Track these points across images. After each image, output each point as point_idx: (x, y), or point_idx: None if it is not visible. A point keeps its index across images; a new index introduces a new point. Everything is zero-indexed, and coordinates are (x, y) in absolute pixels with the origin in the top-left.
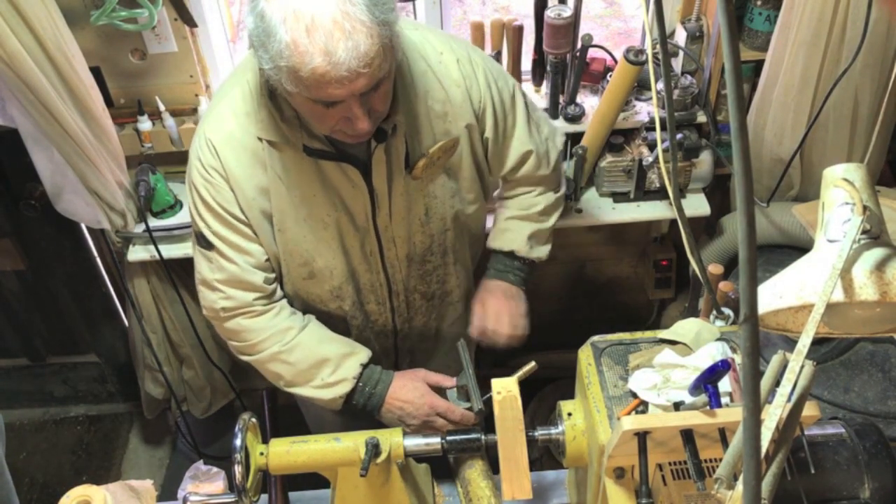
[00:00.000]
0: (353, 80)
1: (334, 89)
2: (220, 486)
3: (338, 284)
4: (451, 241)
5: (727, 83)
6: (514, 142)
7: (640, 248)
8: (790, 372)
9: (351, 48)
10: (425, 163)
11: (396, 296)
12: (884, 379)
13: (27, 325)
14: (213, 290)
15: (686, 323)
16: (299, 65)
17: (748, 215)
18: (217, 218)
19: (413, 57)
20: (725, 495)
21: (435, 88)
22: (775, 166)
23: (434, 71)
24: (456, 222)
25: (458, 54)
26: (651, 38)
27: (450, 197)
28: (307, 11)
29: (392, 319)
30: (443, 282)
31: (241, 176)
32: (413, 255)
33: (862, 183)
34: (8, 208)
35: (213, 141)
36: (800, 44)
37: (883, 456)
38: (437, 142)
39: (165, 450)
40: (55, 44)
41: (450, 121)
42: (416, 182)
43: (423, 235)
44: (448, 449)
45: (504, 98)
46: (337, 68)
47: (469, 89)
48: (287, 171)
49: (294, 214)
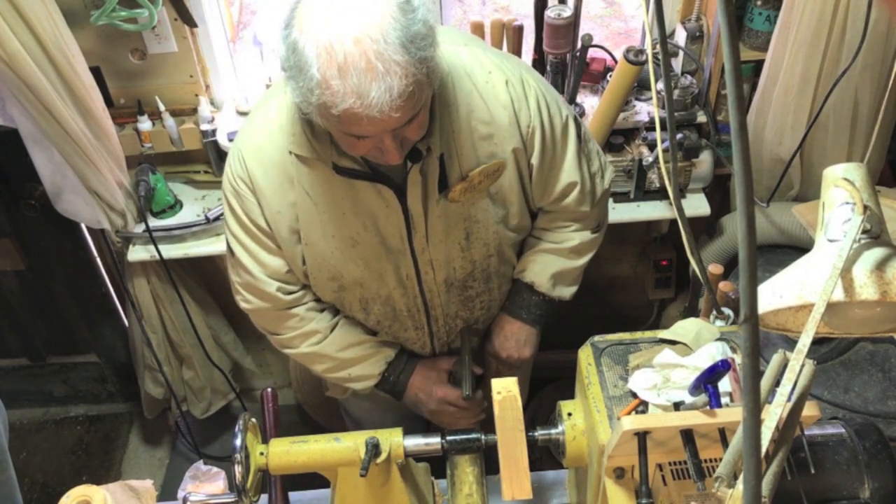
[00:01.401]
0: (385, 120)
1: (365, 127)
2: (220, 486)
3: (367, 298)
4: (496, 266)
5: (727, 83)
6: (562, 173)
7: (640, 248)
8: (790, 372)
9: (384, 90)
10: (464, 186)
11: (435, 321)
12: (884, 379)
13: (27, 325)
14: (237, 292)
15: (686, 323)
16: (330, 104)
17: (748, 215)
18: (241, 226)
19: (458, 75)
20: (725, 494)
21: (480, 109)
22: (775, 166)
23: (480, 91)
24: (500, 248)
25: (508, 75)
26: (651, 38)
27: (494, 222)
28: (340, 49)
29: (431, 344)
30: (487, 308)
31: (267, 189)
32: (452, 279)
33: (862, 182)
34: (8, 208)
35: (243, 152)
36: (800, 44)
37: (883, 456)
38: (481, 164)
39: (165, 450)
40: (55, 44)
41: (495, 143)
42: (455, 205)
43: (464, 260)
44: (448, 449)
45: (555, 124)
46: (369, 109)
47: (517, 112)
48: (315, 188)
49: (321, 231)
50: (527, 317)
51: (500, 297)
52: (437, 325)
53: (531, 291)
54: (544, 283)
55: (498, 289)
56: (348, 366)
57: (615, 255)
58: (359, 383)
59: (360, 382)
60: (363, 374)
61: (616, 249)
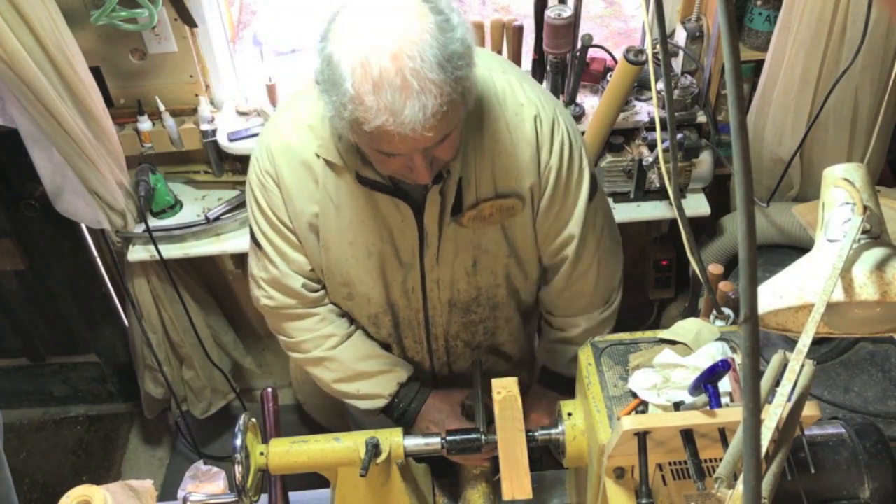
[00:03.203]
0: (417, 139)
1: (397, 145)
2: (220, 486)
3: (374, 312)
4: (503, 297)
5: (727, 83)
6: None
7: (640, 248)
8: (790, 372)
9: (418, 109)
10: (473, 214)
11: (435, 339)
12: (884, 379)
13: (27, 325)
14: (259, 288)
15: (686, 323)
16: (363, 120)
17: (748, 215)
18: (267, 221)
19: (489, 102)
20: (725, 495)
21: (505, 141)
22: (775, 166)
23: (508, 122)
24: (508, 280)
25: (539, 111)
26: (651, 38)
27: (504, 256)
28: (375, 64)
29: (430, 360)
30: (491, 334)
31: (293, 187)
32: (456, 301)
33: (862, 183)
34: (8, 208)
35: (271, 147)
36: (800, 44)
37: (883, 456)
38: (497, 193)
39: (165, 450)
40: (55, 44)
41: (514, 178)
42: (465, 230)
43: (469, 286)
44: (448, 449)
45: (573, 170)
46: (402, 128)
47: (539, 149)
48: (339, 193)
49: (339, 237)
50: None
51: (507, 328)
52: (437, 343)
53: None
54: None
55: (505, 321)
56: (359, 379)
57: None
58: (367, 402)
59: (369, 401)
60: (373, 391)
61: None
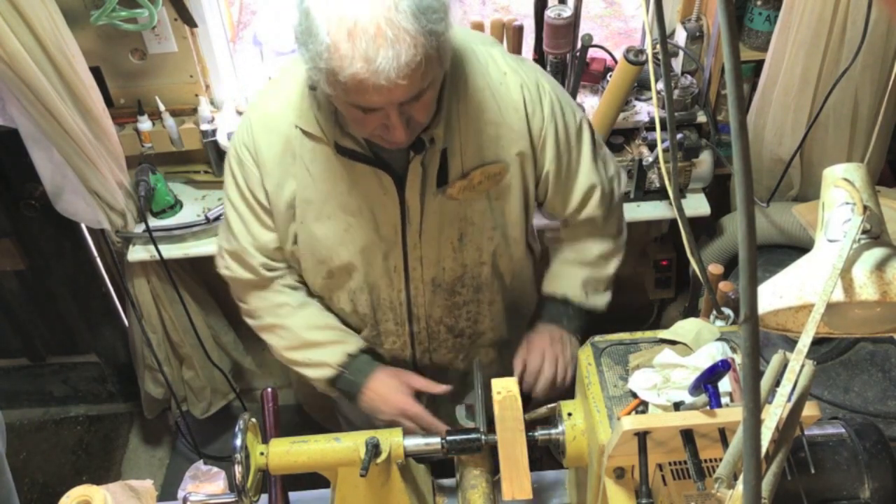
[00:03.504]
0: (392, 89)
1: (372, 97)
2: (220, 486)
3: (353, 290)
4: (487, 277)
5: (727, 83)
6: (581, 177)
7: (640, 248)
8: (790, 372)
9: (392, 57)
10: (463, 184)
11: (417, 321)
12: (884, 379)
13: (27, 325)
14: (221, 256)
15: (686, 323)
16: (338, 69)
17: (748, 215)
18: (239, 193)
19: (473, 73)
20: (725, 495)
21: (491, 109)
22: (775, 166)
23: (493, 91)
24: (495, 258)
25: (524, 78)
26: (651, 38)
27: (490, 227)
28: (351, 14)
29: (411, 346)
30: (474, 321)
31: (269, 160)
32: (440, 280)
33: (862, 183)
34: (8, 208)
35: (251, 119)
36: (800, 44)
37: (883, 456)
38: (484, 164)
39: (165, 450)
40: (55, 44)
41: (502, 146)
42: (452, 203)
43: (454, 262)
44: (448, 449)
45: (570, 129)
46: (376, 76)
47: (530, 116)
48: (317, 165)
49: (317, 210)
50: (567, 324)
51: (489, 314)
52: (419, 325)
53: (566, 304)
54: (578, 294)
55: (488, 304)
56: (308, 348)
57: None
58: (315, 370)
59: (317, 370)
60: (322, 360)
61: None
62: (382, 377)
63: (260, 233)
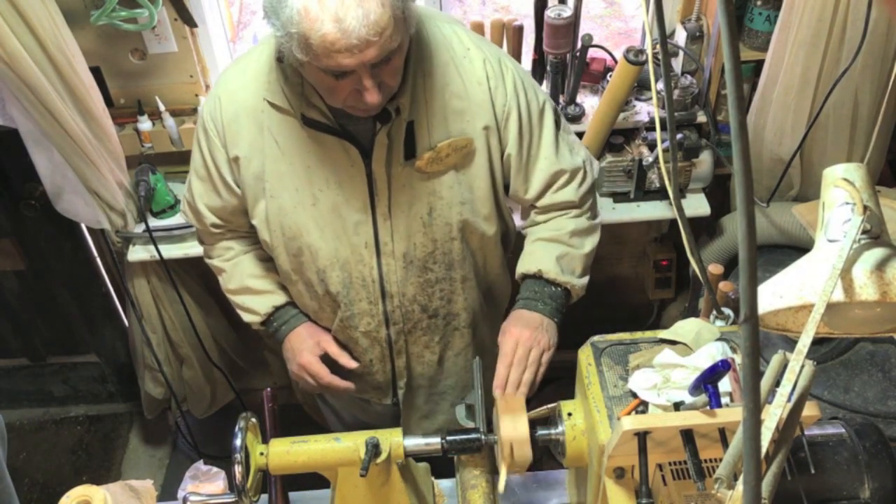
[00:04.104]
0: (363, 49)
1: (344, 58)
2: (220, 486)
3: (323, 267)
4: (459, 253)
5: (727, 83)
6: (542, 162)
7: (640, 248)
8: (790, 372)
9: (361, 16)
10: (431, 156)
11: (390, 298)
12: (884, 379)
13: (27, 325)
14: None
15: (686, 323)
16: (309, 31)
17: (748, 215)
18: (202, 161)
19: (437, 47)
20: (725, 495)
21: (455, 83)
22: (775, 166)
23: (457, 65)
24: (465, 234)
25: (486, 54)
26: (651, 38)
27: (458, 203)
28: None
29: (385, 327)
30: (448, 300)
31: (236, 133)
32: (412, 256)
33: (862, 183)
34: (8, 208)
35: (219, 91)
36: (800, 44)
37: (883, 456)
38: (451, 137)
39: (165, 450)
40: (55, 44)
41: (467, 120)
42: (420, 176)
43: (425, 238)
44: (448, 449)
45: (532, 110)
46: (347, 36)
47: (493, 90)
48: (284, 137)
49: (285, 183)
50: (543, 307)
51: (463, 294)
52: (392, 304)
53: (540, 282)
54: (552, 269)
55: (461, 283)
56: (245, 293)
57: (615, 255)
58: (247, 315)
59: (249, 315)
60: (253, 307)
61: (616, 249)
62: (301, 332)
63: (213, 199)
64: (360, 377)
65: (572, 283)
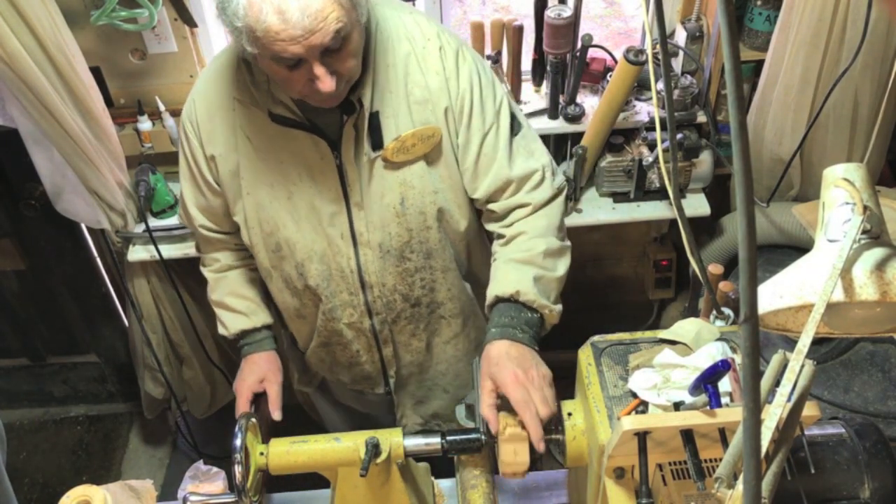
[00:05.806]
0: (308, 37)
1: (290, 47)
2: (220, 486)
3: (301, 260)
4: (437, 242)
5: (727, 83)
6: (494, 165)
7: (640, 248)
8: (790, 372)
9: (304, 6)
10: (396, 146)
11: (370, 289)
12: (884, 379)
13: (27, 325)
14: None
15: (686, 323)
16: (254, 24)
17: (748, 215)
18: (185, 162)
19: (398, 37)
20: (725, 495)
21: (415, 72)
22: (775, 166)
23: (417, 55)
24: (440, 223)
25: (444, 44)
26: (651, 38)
27: (431, 192)
28: None
29: (369, 317)
30: (430, 289)
31: (212, 133)
32: (388, 246)
33: (862, 183)
34: (8, 208)
35: (193, 92)
36: (800, 44)
37: (883, 456)
38: (416, 127)
39: (165, 450)
40: (55, 44)
41: (430, 109)
42: (389, 166)
43: (400, 227)
44: (448, 449)
45: (486, 107)
46: (291, 26)
47: (448, 80)
48: (256, 134)
49: (261, 179)
50: (522, 335)
51: (445, 283)
52: (373, 294)
53: (517, 306)
54: (529, 290)
55: (442, 272)
56: (223, 308)
57: (615, 255)
58: (220, 327)
59: (221, 328)
60: (227, 323)
61: (616, 249)
62: (258, 360)
63: (200, 199)
64: (350, 369)
65: (550, 309)
